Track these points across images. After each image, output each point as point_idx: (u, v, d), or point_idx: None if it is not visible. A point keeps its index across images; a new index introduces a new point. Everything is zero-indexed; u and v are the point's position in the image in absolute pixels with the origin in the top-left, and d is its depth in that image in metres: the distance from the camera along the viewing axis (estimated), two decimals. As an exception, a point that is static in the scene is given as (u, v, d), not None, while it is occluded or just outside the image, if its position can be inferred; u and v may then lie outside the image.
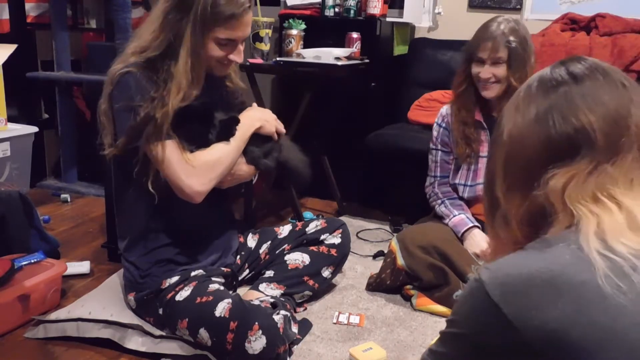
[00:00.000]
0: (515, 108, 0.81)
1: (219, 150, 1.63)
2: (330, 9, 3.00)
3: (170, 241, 1.69)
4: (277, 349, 1.53)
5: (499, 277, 0.69)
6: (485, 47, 1.94)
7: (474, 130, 2.06)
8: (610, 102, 0.75)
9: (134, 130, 1.53)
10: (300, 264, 1.91)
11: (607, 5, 2.86)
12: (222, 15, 1.54)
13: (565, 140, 0.75)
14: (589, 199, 0.73)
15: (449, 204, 2.12)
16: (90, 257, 2.26)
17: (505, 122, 0.82)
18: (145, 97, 1.53)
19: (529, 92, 0.81)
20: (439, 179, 2.19)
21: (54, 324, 1.74)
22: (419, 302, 1.97)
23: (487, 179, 0.86)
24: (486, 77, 1.96)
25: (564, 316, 0.64)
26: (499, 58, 1.93)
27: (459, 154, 2.10)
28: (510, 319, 0.66)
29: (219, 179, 1.63)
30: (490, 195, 0.84)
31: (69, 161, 3.21)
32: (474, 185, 2.10)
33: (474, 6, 3.19)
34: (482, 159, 2.08)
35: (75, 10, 3.31)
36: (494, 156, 0.84)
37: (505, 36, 1.92)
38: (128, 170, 1.58)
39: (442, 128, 2.17)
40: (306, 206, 3.04)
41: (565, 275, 0.66)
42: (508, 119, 0.82)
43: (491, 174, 0.84)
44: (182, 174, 1.56)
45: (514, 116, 0.80)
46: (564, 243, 0.70)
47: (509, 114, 0.82)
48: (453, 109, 2.10)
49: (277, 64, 2.63)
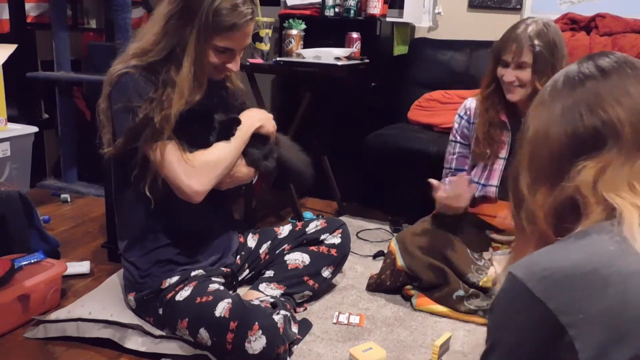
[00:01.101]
0: (541, 104, 0.81)
1: (219, 150, 1.63)
2: (330, 9, 3.00)
3: (170, 241, 1.69)
4: (277, 349, 1.53)
5: (536, 272, 0.67)
6: (510, 50, 1.87)
7: (499, 131, 2.02)
8: (638, 95, 0.75)
9: (132, 132, 1.53)
10: (300, 264, 1.91)
11: (607, 5, 2.87)
12: (223, 24, 1.53)
13: (592, 133, 0.74)
14: (626, 190, 0.72)
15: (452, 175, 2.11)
16: (90, 257, 2.26)
17: (530, 120, 0.82)
18: (143, 98, 1.53)
19: (555, 88, 0.80)
20: (454, 171, 2.13)
21: (54, 324, 1.74)
22: (419, 302, 1.97)
23: (513, 176, 0.85)
24: (510, 80, 1.89)
25: (609, 308, 0.62)
26: (523, 62, 1.85)
27: (476, 152, 2.06)
28: (555, 314, 0.64)
29: (219, 178, 1.63)
30: (515, 191, 0.83)
31: (69, 161, 3.21)
32: (487, 185, 2.06)
33: (474, 6, 3.19)
34: (499, 159, 2.03)
35: (75, 10, 3.31)
36: (519, 153, 0.83)
37: (530, 40, 1.84)
38: (127, 172, 1.58)
39: (464, 120, 2.11)
40: (306, 206, 3.04)
41: (611, 267, 0.64)
42: (534, 116, 0.82)
43: (516, 170, 0.83)
44: (182, 174, 1.56)
45: (540, 112, 0.81)
46: (605, 234, 0.69)
47: (535, 110, 0.82)
48: (480, 109, 2.04)
49: (277, 64, 2.63)
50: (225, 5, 1.52)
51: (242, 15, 1.54)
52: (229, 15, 1.53)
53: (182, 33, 1.53)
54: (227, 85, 1.81)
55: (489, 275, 1.94)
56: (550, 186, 0.77)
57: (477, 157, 2.07)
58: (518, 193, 0.83)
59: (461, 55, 3.05)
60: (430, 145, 2.59)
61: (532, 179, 0.80)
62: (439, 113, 2.87)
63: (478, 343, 1.79)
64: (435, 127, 2.85)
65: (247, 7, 1.55)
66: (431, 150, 2.56)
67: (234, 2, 1.53)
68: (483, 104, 2.03)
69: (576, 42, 2.76)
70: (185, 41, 1.53)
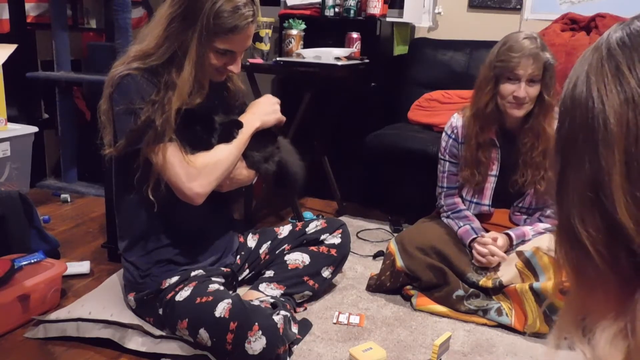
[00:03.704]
0: (615, 78, 0.51)
1: (220, 153, 1.63)
2: (330, 9, 3.00)
3: (170, 241, 1.69)
4: (277, 349, 1.53)
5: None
6: (524, 65, 1.83)
7: (488, 152, 1.99)
8: None
9: (134, 134, 1.53)
10: (300, 264, 1.91)
11: (607, 5, 2.87)
12: (224, 27, 1.53)
13: None
14: None
15: (454, 217, 2.08)
16: (90, 257, 2.26)
17: (600, 104, 0.51)
18: (145, 100, 1.53)
19: (632, 48, 0.51)
20: (446, 190, 2.12)
21: (54, 324, 1.74)
22: (418, 302, 1.97)
23: (587, 199, 0.52)
24: (522, 96, 1.85)
25: None
26: (537, 76, 1.85)
27: (464, 178, 2.03)
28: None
29: (219, 180, 1.63)
30: (606, 221, 0.51)
31: (69, 161, 3.21)
32: (480, 204, 2.05)
33: (474, 6, 3.19)
34: (490, 177, 2.02)
35: (75, 10, 3.31)
36: (593, 162, 0.51)
37: (543, 53, 1.84)
38: (128, 173, 1.58)
39: (452, 139, 2.08)
40: (306, 206, 3.04)
41: None
42: (607, 98, 0.51)
43: (596, 188, 0.51)
44: (184, 177, 1.56)
45: (619, 91, 0.50)
46: None
47: (605, 88, 0.51)
48: (474, 129, 1.98)
49: (277, 64, 2.63)
50: (226, 7, 1.51)
51: (243, 18, 1.54)
52: (230, 17, 1.52)
53: (184, 36, 1.53)
54: (228, 86, 1.80)
55: (489, 275, 1.94)
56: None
57: (466, 182, 2.05)
58: (612, 225, 0.50)
59: (461, 55, 3.05)
60: (430, 145, 2.59)
61: (634, 193, 0.49)
62: (439, 113, 2.87)
63: (478, 343, 1.79)
64: (435, 127, 2.84)
65: (248, 9, 1.55)
66: (431, 150, 2.56)
67: (235, 4, 1.52)
68: (477, 123, 1.97)
69: (576, 42, 2.76)
70: (187, 44, 1.53)
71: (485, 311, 1.89)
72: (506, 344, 1.80)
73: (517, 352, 1.76)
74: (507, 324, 1.86)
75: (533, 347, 1.78)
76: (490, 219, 2.08)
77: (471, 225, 2.03)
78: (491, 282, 1.91)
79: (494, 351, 1.75)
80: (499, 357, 1.73)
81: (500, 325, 1.88)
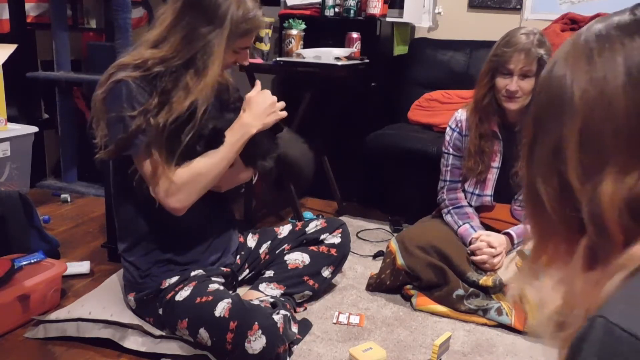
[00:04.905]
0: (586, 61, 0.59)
1: (203, 165, 1.59)
2: (330, 9, 3.00)
3: (170, 241, 1.69)
4: (277, 349, 1.53)
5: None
6: (516, 60, 1.88)
7: (490, 142, 2.03)
8: None
9: (122, 142, 1.52)
10: (300, 263, 1.91)
11: (607, 5, 2.86)
12: (247, 27, 1.59)
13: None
14: None
15: (455, 213, 2.09)
16: (90, 257, 2.26)
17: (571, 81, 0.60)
18: (136, 108, 1.50)
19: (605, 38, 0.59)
20: (449, 183, 2.14)
21: (54, 324, 1.74)
22: (418, 302, 1.97)
23: (548, 161, 0.62)
24: (514, 90, 1.90)
25: None
26: (529, 71, 1.88)
27: (468, 167, 2.06)
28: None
29: (201, 193, 1.61)
30: (560, 180, 0.60)
31: (69, 161, 3.21)
32: (482, 195, 2.07)
33: (474, 6, 3.19)
34: (492, 169, 2.04)
35: (75, 10, 3.31)
36: (557, 129, 0.60)
37: (536, 48, 1.87)
38: (126, 174, 1.58)
39: (456, 132, 2.11)
40: (306, 206, 3.04)
41: None
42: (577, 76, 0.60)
43: (556, 152, 0.60)
44: (162, 192, 1.56)
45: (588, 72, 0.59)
46: None
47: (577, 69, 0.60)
48: (474, 121, 2.04)
49: (277, 64, 2.63)
50: (247, 8, 1.58)
51: (259, 16, 1.63)
52: (253, 18, 1.60)
53: (206, 39, 1.54)
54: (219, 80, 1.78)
55: (489, 275, 1.94)
56: (620, 171, 0.56)
57: (469, 172, 2.07)
58: (563, 186, 0.60)
59: (461, 55, 3.05)
60: (430, 145, 2.59)
61: (584, 166, 0.58)
62: (438, 113, 2.87)
63: (478, 343, 1.79)
64: (435, 127, 2.85)
65: (257, 6, 1.62)
66: (431, 150, 2.56)
67: (253, 4, 1.60)
68: (476, 115, 2.03)
69: (576, 42, 2.76)
70: (211, 47, 1.54)
71: (486, 311, 1.89)
72: (506, 344, 1.80)
73: (517, 352, 1.76)
74: (507, 324, 1.86)
75: (533, 347, 1.78)
76: (492, 213, 2.09)
77: (471, 224, 2.04)
78: (491, 281, 1.91)
79: (494, 351, 1.75)
80: (499, 357, 1.73)
81: (500, 325, 1.88)
